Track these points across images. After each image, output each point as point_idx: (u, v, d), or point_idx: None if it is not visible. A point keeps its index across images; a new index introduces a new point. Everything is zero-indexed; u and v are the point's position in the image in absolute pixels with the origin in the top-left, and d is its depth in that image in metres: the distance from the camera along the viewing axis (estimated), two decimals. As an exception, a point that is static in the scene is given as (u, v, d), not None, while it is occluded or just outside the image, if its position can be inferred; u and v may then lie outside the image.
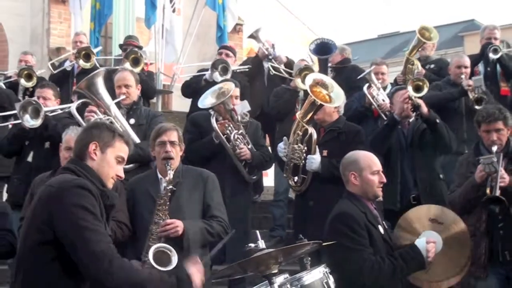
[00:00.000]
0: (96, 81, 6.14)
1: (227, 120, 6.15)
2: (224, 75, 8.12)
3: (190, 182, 4.80)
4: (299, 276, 3.47)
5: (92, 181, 3.19)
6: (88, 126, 3.55)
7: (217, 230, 4.71)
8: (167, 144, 4.72)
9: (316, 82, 5.90)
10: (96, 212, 3.04)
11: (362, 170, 4.33)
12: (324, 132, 6.07)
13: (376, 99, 7.20)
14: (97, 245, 2.96)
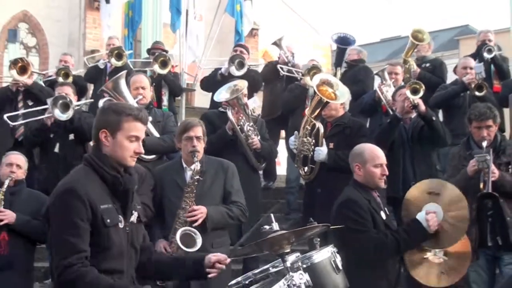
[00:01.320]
0: (120, 82, 6.20)
1: (241, 114, 6.19)
2: (240, 69, 8.17)
3: (212, 171, 4.83)
4: (309, 255, 3.49)
5: (103, 168, 3.07)
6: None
7: (236, 214, 4.77)
8: (194, 139, 4.73)
9: (323, 82, 5.96)
10: (76, 218, 2.88)
11: (366, 163, 4.34)
12: (330, 126, 6.10)
13: (385, 96, 7.16)
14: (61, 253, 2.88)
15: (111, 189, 3.10)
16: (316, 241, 3.76)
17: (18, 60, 8.00)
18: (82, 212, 2.92)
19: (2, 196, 5.17)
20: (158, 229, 4.82)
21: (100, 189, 3.06)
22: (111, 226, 3.02)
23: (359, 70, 8.49)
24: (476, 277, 5.06)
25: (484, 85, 7.18)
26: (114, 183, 3.10)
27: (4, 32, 24.05)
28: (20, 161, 5.40)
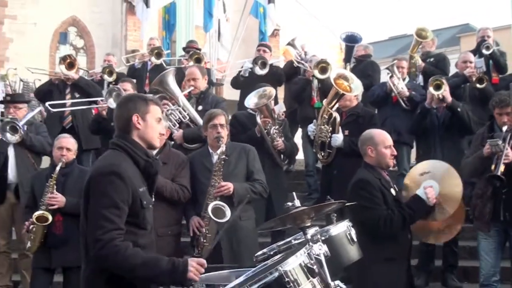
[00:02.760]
0: (166, 78, 6.25)
1: (268, 119, 6.17)
2: (263, 69, 8.16)
3: (236, 154, 4.89)
4: (327, 228, 3.49)
5: (136, 153, 3.02)
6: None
7: (259, 190, 4.85)
8: (218, 126, 4.79)
9: (339, 76, 6.02)
10: (117, 198, 2.83)
11: (377, 145, 4.35)
12: (345, 115, 6.10)
13: (396, 87, 7.15)
14: (101, 229, 2.79)
15: (142, 172, 3.06)
16: (333, 216, 3.76)
17: (66, 56, 8.09)
18: (124, 194, 2.87)
19: (54, 181, 5.19)
20: (191, 208, 4.87)
21: (136, 173, 3.01)
22: (146, 208, 3.01)
23: (367, 64, 8.45)
24: (485, 246, 5.03)
25: (484, 78, 7.11)
26: (146, 167, 3.07)
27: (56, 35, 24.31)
28: (70, 144, 5.38)
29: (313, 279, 2.64)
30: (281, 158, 6.38)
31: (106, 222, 2.80)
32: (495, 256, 4.99)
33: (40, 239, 5.12)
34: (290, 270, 2.59)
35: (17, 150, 6.27)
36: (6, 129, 6.18)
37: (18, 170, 6.23)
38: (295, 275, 2.59)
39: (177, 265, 2.78)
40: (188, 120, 6.14)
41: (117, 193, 2.85)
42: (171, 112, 6.06)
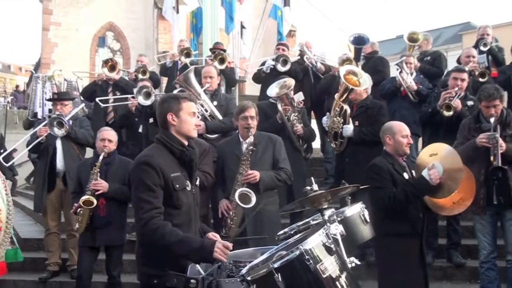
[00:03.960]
0: (189, 75, 6.27)
1: (288, 107, 6.15)
2: (285, 66, 8.12)
3: (263, 143, 4.82)
4: (342, 210, 3.49)
5: (172, 145, 3.13)
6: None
7: (283, 178, 4.78)
8: (248, 118, 4.75)
9: (348, 72, 5.99)
10: (150, 183, 2.98)
11: (395, 134, 4.35)
12: (356, 107, 6.05)
13: (405, 82, 7.04)
14: (142, 210, 2.95)
15: (178, 160, 3.16)
16: (347, 199, 3.76)
17: (108, 60, 8.17)
18: (155, 178, 2.99)
19: (98, 169, 5.23)
20: (221, 192, 4.85)
21: (171, 161, 3.12)
22: (179, 190, 3.09)
23: (376, 60, 8.29)
24: (481, 228, 5.02)
25: (486, 72, 7.01)
26: (182, 156, 3.16)
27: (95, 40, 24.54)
28: (111, 136, 5.43)
29: (331, 256, 2.62)
30: (300, 143, 6.33)
31: (144, 204, 2.96)
32: (491, 237, 4.99)
33: (86, 221, 5.18)
34: (311, 248, 2.57)
35: (64, 143, 6.33)
36: (53, 124, 6.24)
37: (65, 160, 6.29)
38: (315, 253, 2.57)
39: (205, 245, 2.88)
40: (208, 113, 6.15)
41: (150, 178, 2.99)
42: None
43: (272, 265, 2.54)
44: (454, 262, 5.90)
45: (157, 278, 2.98)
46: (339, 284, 2.57)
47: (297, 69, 8.49)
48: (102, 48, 20.31)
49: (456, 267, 5.87)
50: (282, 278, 2.50)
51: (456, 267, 5.87)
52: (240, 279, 2.66)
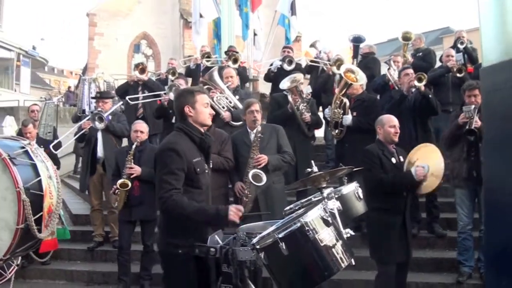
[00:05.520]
0: (213, 74, 6.25)
1: (297, 97, 6.10)
2: (290, 65, 8.11)
3: (268, 132, 4.80)
4: (340, 188, 3.44)
5: (192, 132, 3.07)
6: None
7: (287, 159, 4.77)
8: (254, 111, 4.73)
9: (348, 70, 5.98)
10: (173, 167, 2.91)
11: (384, 125, 4.35)
12: (354, 100, 6.01)
13: (393, 77, 7.02)
14: (162, 190, 2.89)
15: (198, 147, 3.10)
16: (344, 179, 3.71)
17: (139, 64, 8.18)
18: (179, 163, 2.94)
19: (132, 156, 5.24)
20: (236, 175, 4.83)
21: (191, 147, 3.06)
22: (200, 173, 3.05)
23: (369, 60, 8.29)
24: (460, 202, 5.05)
25: (463, 68, 7.03)
26: (201, 143, 3.11)
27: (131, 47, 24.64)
28: (143, 128, 5.42)
29: (328, 228, 2.59)
30: (308, 130, 6.28)
31: (165, 184, 2.90)
32: (469, 210, 4.99)
33: (123, 200, 5.20)
34: (310, 221, 2.54)
35: (104, 134, 6.37)
36: (95, 118, 6.29)
37: (105, 149, 6.33)
38: (314, 225, 2.54)
39: (220, 210, 2.87)
40: (232, 105, 6.13)
41: (173, 163, 2.93)
42: (220, 98, 6.08)
43: (277, 235, 2.51)
44: (436, 233, 5.84)
45: (182, 248, 2.93)
46: (335, 251, 2.53)
47: (301, 67, 8.44)
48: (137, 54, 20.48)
49: (438, 237, 5.81)
50: (286, 246, 2.48)
51: (438, 237, 5.81)
52: (251, 247, 2.64)
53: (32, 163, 2.92)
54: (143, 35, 25.30)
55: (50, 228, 2.99)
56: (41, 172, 2.91)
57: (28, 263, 6.01)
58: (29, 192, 2.73)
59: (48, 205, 2.91)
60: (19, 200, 2.67)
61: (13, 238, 2.68)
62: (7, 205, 2.69)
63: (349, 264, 2.57)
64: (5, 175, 2.69)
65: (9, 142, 3.03)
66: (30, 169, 2.90)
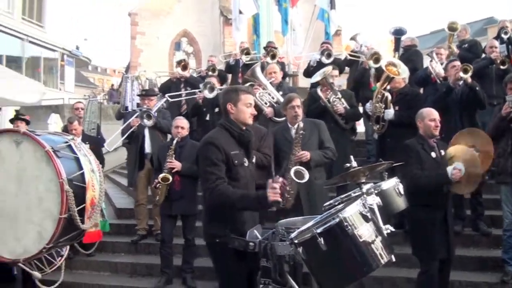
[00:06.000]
0: (256, 70, 6.27)
1: (328, 90, 6.07)
2: (329, 59, 8.05)
3: (309, 128, 4.72)
4: (379, 183, 3.40)
5: (232, 128, 3.17)
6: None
7: (329, 155, 4.69)
8: (295, 107, 4.68)
9: (389, 63, 5.90)
10: (214, 158, 3.02)
11: (424, 118, 4.26)
12: (395, 95, 5.89)
13: (435, 70, 6.81)
14: (209, 181, 3.00)
15: (237, 141, 3.19)
16: (384, 174, 3.65)
17: (181, 61, 8.33)
18: (218, 155, 3.04)
19: (173, 151, 5.33)
20: (277, 170, 4.80)
21: (230, 142, 3.15)
22: (238, 165, 3.12)
23: (412, 53, 8.05)
24: (505, 198, 4.87)
25: (506, 60, 6.84)
26: (240, 137, 3.19)
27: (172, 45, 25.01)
28: (183, 124, 5.51)
29: (367, 223, 2.56)
30: (346, 123, 6.20)
31: (210, 175, 3.02)
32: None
33: (164, 194, 5.31)
34: (348, 216, 2.53)
35: (151, 131, 6.53)
36: (144, 116, 6.47)
37: (152, 145, 6.46)
38: (353, 220, 2.52)
39: (259, 194, 2.92)
40: (274, 100, 6.13)
41: (214, 155, 3.04)
42: (262, 94, 6.10)
43: (315, 230, 2.51)
44: (480, 231, 5.65)
45: (219, 238, 3.04)
46: (374, 247, 2.51)
47: (340, 61, 8.37)
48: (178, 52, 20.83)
49: (482, 235, 5.62)
50: (324, 242, 2.48)
51: (482, 235, 5.62)
52: (289, 242, 2.65)
53: (75, 157, 3.04)
54: (184, 33, 25.65)
55: (93, 220, 3.13)
56: (84, 165, 3.03)
57: (74, 254, 6.24)
58: (72, 183, 2.85)
59: (91, 198, 3.03)
60: (62, 191, 2.79)
61: (56, 227, 2.80)
62: (51, 196, 2.82)
63: (389, 260, 2.54)
64: (49, 167, 2.82)
65: (53, 137, 3.17)
66: (73, 162, 3.02)
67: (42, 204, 2.82)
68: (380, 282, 4.93)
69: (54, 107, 15.06)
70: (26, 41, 22.77)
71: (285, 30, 11.61)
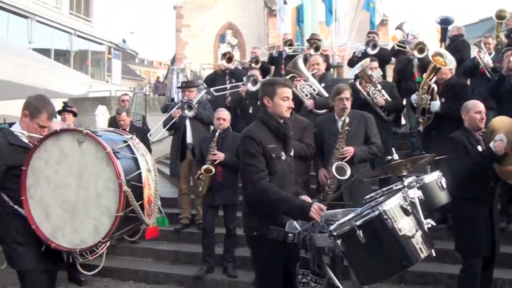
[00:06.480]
0: (297, 61, 6.26)
1: (367, 82, 6.00)
2: (374, 49, 7.90)
3: (356, 120, 4.63)
4: (422, 177, 3.32)
5: (269, 121, 3.17)
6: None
7: (375, 151, 4.59)
8: (344, 99, 4.57)
9: (436, 53, 5.75)
10: (253, 151, 3.04)
11: (469, 111, 4.12)
12: (442, 86, 5.74)
13: (482, 60, 6.59)
14: (251, 173, 3.02)
15: (274, 135, 3.19)
16: (427, 168, 3.57)
17: (226, 53, 8.40)
18: (256, 148, 3.06)
19: (215, 143, 5.42)
20: (320, 161, 4.77)
21: (268, 135, 3.15)
22: (275, 159, 3.12)
23: (459, 42, 7.79)
24: None
25: None
26: (276, 131, 3.18)
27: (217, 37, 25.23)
28: (225, 115, 5.56)
29: (407, 217, 2.53)
30: (388, 115, 6.12)
31: (251, 167, 3.04)
32: None
33: (207, 185, 5.41)
34: (389, 209, 2.50)
35: (192, 122, 6.64)
36: (184, 107, 6.59)
37: (193, 136, 6.57)
38: (393, 213, 2.49)
39: (304, 205, 2.88)
40: (316, 92, 6.10)
41: (253, 147, 3.07)
42: (303, 86, 6.08)
43: (354, 222, 2.50)
44: None
45: (257, 231, 3.07)
46: (414, 241, 2.47)
47: (386, 51, 8.20)
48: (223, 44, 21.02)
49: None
50: (363, 234, 2.46)
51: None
52: (329, 234, 2.65)
53: (134, 157, 3.16)
54: (228, 25, 25.82)
55: (153, 217, 3.26)
56: (141, 165, 3.16)
57: (118, 241, 6.44)
58: (130, 183, 2.98)
59: (147, 196, 3.16)
60: (120, 191, 2.92)
61: (112, 224, 2.95)
62: (109, 194, 2.97)
63: (429, 255, 2.50)
64: (108, 167, 2.96)
65: (113, 136, 3.30)
66: (131, 162, 3.15)
67: (100, 200, 2.99)
68: (421, 277, 4.85)
69: (101, 99, 15.50)
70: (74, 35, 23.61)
71: (329, 20, 11.47)
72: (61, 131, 3.12)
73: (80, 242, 3.05)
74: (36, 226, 3.08)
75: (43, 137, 3.13)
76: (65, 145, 3.08)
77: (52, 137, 3.10)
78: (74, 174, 3.04)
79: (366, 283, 2.61)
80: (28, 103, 3.25)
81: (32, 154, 3.11)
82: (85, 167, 3.02)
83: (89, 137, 3.03)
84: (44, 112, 3.22)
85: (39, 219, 3.09)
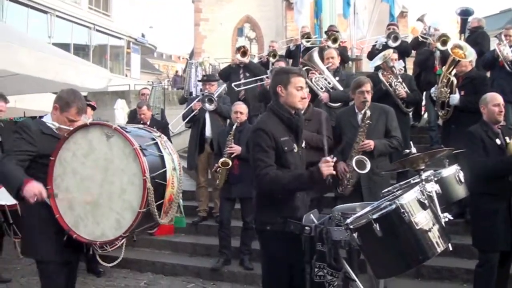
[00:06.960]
0: (313, 55, 6.22)
1: (389, 74, 5.96)
2: (395, 42, 7.85)
3: (376, 113, 4.56)
4: (439, 170, 3.30)
5: (280, 112, 3.10)
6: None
7: (395, 144, 4.52)
8: (365, 92, 4.51)
9: (455, 46, 5.66)
10: (264, 145, 2.99)
11: (488, 103, 4.04)
12: (462, 79, 5.65)
13: (502, 53, 6.46)
14: (258, 168, 2.97)
15: (286, 126, 3.13)
16: (445, 161, 3.53)
17: (241, 47, 8.38)
18: (268, 141, 3.01)
19: (232, 136, 5.44)
20: (338, 154, 4.65)
21: (280, 127, 3.09)
22: (288, 152, 3.08)
23: (478, 34, 7.66)
24: None
25: None
26: (289, 122, 3.13)
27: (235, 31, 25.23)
28: (242, 109, 5.59)
29: (424, 211, 2.51)
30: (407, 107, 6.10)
31: (260, 162, 2.99)
32: None
33: (224, 178, 5.46)
34: (406, 203, 2.49)
35: (211, 115, 6.70)
36: (205, 100, 6.65)
37: (212, 129, 6.62)
38: (410, 207, 2.48)
39: (312, 171, 2.87)
40: (331, 86, 6.07)
41: (264, 141, 3.01)
42: (318, 79, 6.05)
43: (371, 216, 2.50)
44: None
45: (270, 225, 3.03)
46: (431, 236, 2.46)
47: (407, 44, 8.11)
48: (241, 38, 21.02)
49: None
50: (380, 228, 2.46)
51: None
52: (345, 227, 2.65)
53: (160, 155, 3.18)
54: (247, 18, 25.78)
55: (170, 215, 3.27)
56: (167, 163, 3.17)
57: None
58: (154, 181, 3.01)
59: (170, 194, 3.17)
60: (144, 187, 2.94)
61: (134, 220, 2.98)
62: (133, 189, 2.99)
63: (445, 249, 2.48)
64: (135, 163, 2.98)
65: (142, 133, 3.33)
66: (158, 159, 3.16)
67: (124, 195, 3.01)
68: (438, 272, 4.82)
69: (120, 93, 15.59)
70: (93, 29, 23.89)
71: (347, 13, 11.38)
72: (91, 124, 3.15)
73: (101, 235, 3.08)
74: (60, 216, 3.12)
75: (73, 129, 3.16)
76: (93, 139, 3.11)
77: (81, 130, 3.14)
78: (101, 168, 3.06)
79: (382, 277, 2.62)
80: (59, 97, 3.29)
81: (61, 146, 3.15)
82: (112, 162, 3.05)
83: (117, 132, 3.05)
84: (74, 106, 3.24)
85: (63, 209, 3.14)
